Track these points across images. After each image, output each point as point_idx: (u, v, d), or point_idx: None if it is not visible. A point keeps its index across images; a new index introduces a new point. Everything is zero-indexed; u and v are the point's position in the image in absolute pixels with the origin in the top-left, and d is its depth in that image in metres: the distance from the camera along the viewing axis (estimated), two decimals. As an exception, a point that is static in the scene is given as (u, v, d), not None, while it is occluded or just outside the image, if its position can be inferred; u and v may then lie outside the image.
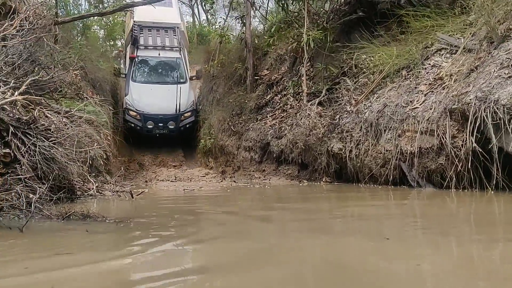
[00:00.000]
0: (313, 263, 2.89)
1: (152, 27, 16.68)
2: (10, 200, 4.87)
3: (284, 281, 2.45)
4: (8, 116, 5.99)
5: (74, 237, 3.75)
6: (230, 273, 2.62)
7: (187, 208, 6.33)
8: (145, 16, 16.44)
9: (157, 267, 2.73)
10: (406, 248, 3.33)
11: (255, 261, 2.90)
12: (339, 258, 2.99)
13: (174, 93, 14.48)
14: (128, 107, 14.79)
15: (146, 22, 16.55)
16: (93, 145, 7.12)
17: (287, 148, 10.74)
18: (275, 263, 2.82)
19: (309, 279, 2.51)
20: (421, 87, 7.70)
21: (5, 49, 7.94)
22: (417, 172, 7.20)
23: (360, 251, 3.24)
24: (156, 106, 14.90)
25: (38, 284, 2.38)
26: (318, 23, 11.10)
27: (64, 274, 2.55)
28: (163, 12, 16.87)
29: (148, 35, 16.51)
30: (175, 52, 16.40)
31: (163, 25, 16.84)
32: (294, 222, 4.85)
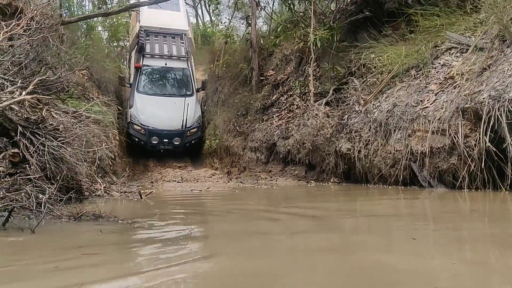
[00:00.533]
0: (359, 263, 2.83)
1: (159, 33, 16.07)
2: (20, 201, 4.81)
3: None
4: (16, 115, 5.93)
5: (91, 238, 3.68)
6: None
7: (197, 208, 6.27)
8: (152, 21, 15.94)
9: (179, 272, 2.66)
10: (436, 247, 3.28)
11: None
12: (376, 257, 2.93)
13: (181, 107, 14.06)
14: (133, 120, 14.17)
15: (152, 27, 16.01)
16: (101, 145, 7.05)
17: (294, 148, 10.67)
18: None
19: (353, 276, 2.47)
20: (432, 87, 7.62)
21: (11, 49, 7.90)
22: (428, 172, 7.12)
23: (393, 250, 3.22)
24: (161, 120, 14.38)
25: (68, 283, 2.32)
26: (325, 22, 11.03)
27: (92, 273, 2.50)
28: (170, 17, 16.41)
29: (155, 41, 15.89)
30: (182, 62, 15.73)
31: (171, 31, 16.18)
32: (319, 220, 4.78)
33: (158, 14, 16.07)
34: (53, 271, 2.55)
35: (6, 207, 4.36)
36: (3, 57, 7.53)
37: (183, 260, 2.82)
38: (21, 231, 3.71)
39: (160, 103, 14.62)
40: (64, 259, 2.86)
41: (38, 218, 4.43)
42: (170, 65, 15.55)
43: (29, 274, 2.55)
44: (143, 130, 14.15)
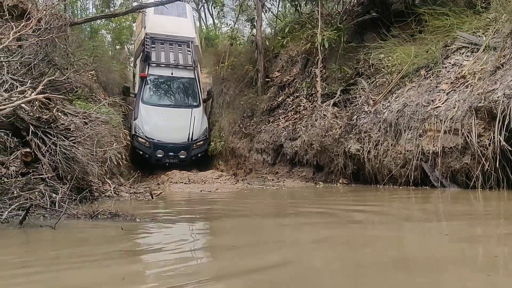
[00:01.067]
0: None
1: (165, 41, 15.50)
2: (34, 199, 4.77)
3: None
4: (28, 115, 5.89)
5: (114, 235, 3.64)
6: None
7: (205, 206, 6.24)
8: (158, 28, 15.40)
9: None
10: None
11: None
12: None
13: (187, 119, 13.69)
14: (137, 133, 13.64)
15: (158, 34, 15.37)
16: (111, 145, 7.01)
17: (301, 149, 10.63)
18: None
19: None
20: (443, 86, 7.58)
21: (20, 49, 7.87)
22: (441, 172, 7.07)
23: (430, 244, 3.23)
24: (167, 133, 13.89)
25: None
26: (332, 23, 11.01)
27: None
28: (177, 23, 15.87)
29: (161, 49, 15.32)
30: (189, 71, 15.17)
31: (177, 39, 15.58)
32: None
33: (165, 20, 15.60)
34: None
35: (21, 206, 4.32)
36: (12, 58, 7.51)
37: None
38: (40, 228, 3.66)
39: (165, 114, 14.14)
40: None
41: (53, 216, 4.40)
42: (177, 74, 15.06)
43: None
44: (147, 143, 13.66)
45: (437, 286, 2.19)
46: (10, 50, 7.97)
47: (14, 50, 8.06)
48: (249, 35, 15.44)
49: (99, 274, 2.41)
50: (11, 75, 7.32)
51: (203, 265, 2.69)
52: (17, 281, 2.25)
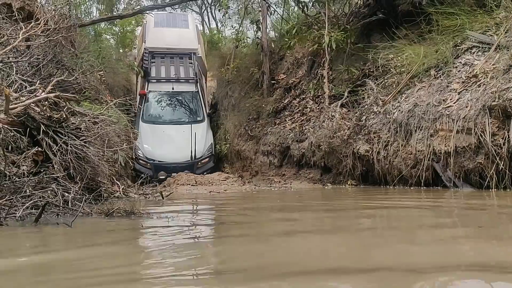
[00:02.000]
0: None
1: (166, 54, 15.00)
2: (46, 198, 4.72)
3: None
4: (39, 114, 5.85)
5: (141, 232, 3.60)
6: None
7: (217, 205, 6.19)
8: (158, 41, 14.88)
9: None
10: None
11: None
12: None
13: (190, 136, 13.02)
14: (138, 155, 12.87)
15: (158, 48, 14.88)
16: (121, 146, 6.96)
17: (308, 151, 10.58)
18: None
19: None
20: (454, 86, 7.53)
21: (29, 50, 7.85)
22: (453, 172, 7.00)
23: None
24: (169, 152, 13.21)
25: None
26: (339, 24, 10.98)
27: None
28: (178, 35, 15.35)
29: (161, 64, 14.82)
30: (191, 85, 14.68)
31: (178, 51, 15.10)
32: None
33: (165, 32, 15.20)
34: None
35: (35, 204, 4.26)
36: (21, 58, 7.48)
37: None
38: (57, 225, 3.60)
39: (167, 132, 13.60)
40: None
41: (66, 215, 4.36)
42: (178, 89, 14.54)
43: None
44: (149, 164, 12.99)
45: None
46: (19, 51, 7.96)
47: (22, 51, 8.05)
48: (254, 38, 15.41)
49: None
50: (20, 75, 7.30)
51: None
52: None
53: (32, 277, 2.15)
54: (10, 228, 3.57)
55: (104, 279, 2.06)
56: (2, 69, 7.10)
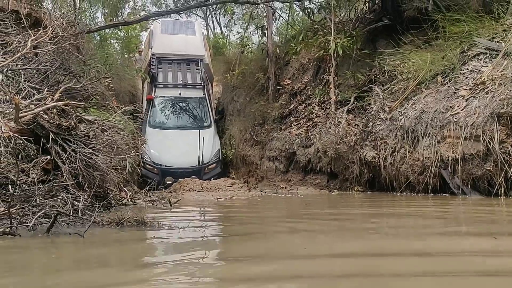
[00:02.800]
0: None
1: (173, 60, 15.01)
2: (56, 207, 4.73)
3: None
4: (48, 122, 5.87)
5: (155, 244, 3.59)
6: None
7: (227, 214, 6.18)
8: (165, 48, 14.93)
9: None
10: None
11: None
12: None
13: (197, 141, 12.95)
14: (145, 160, 12.74)
15: (165, 54, 14.91)
16: (129, 153, 6.98)
17: (315, 157, 10.57)
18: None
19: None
20: (461, 92, 7.52)
21: (37, 57, 7.89)
22: (461, 179, 6.98)
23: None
24: (176, 157, 13.16)
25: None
26: (345, 30, 10.99)
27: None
28: (185, 41, 15.41)
29: (168, 69, 14.83)
30: (198, 91, 14.67)
31: (185, 57, 15.09)
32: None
33: (172, 39, 15.24)
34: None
35: (46, 214, 4.27)
36: (30, 65, 7.52)
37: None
38: (69, 235, 3.61)
39: (174, 137, 13.53)
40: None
41: (77, 224, 4.36)
42: (185, 94, 14.52)
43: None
44: (155, 170, 12.93)
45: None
46: (27, 58, 7.99)
47: (30, 58, 8.08)
48: (259, 43, 15.43)
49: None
50: (28, 82, 7.33)
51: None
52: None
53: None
54: (22, 240, 3.57)
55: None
56: (11, 76, 7.13)
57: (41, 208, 4.62)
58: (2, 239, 3.60)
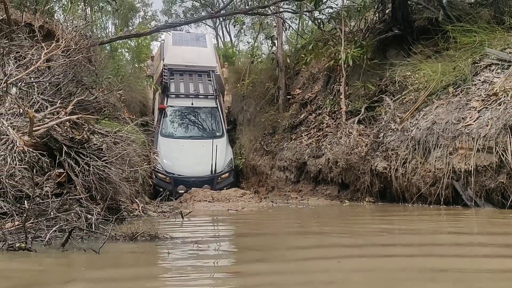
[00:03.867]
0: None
1: (184, 71, 15.01)
2: (70, 221, 4.77)
3: None
4: (61, 135, 5.92)
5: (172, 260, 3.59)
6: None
7: (239, 227, 6.17)
8: (177, 59, 14.98)
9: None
10: None
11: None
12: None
13: (209, 150, 12.83)
14: (156, 168, 12.64)
15: (177, 65, 14.92)
16: (141, 165, 7.01)
17: (325, 167, 10.55)
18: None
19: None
20: (473, 104, 7.48)
21: (50, 70, 7.97)
22: (474, 191, 6.93)
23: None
24: (188, 166, 13.07)
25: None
26: (355, 40, 11.00)
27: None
28: (196, 53, 15.50)
29: (180, 80, 14.81)
30: (210, 101, 14.60)
31: (197, 68, 15.13)
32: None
33: (184, 50, 15.33)
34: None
35: (61, 228, 4.31)
36: (43, 78, 7.60)
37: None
38: (84, 252, 3.63)
39: (186, 147, 13.55)
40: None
41: (91, 238, 4.39)
42: (197, 104, 14.47)
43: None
44: (168, 179, 12.86)
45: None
46: (40, 71, 8.08)
47: (43, 71, 8.18)
48: (269, 52, 15.49)
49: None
50: (41, 95, 7.41)
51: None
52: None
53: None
54: (38, 255, 3.60)
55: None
56: (25, 89, 7.21)
57: (55, 222, 4.66)
58: (18, 254, 3.62)
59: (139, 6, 31.27)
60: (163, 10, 32.72)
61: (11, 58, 7.42)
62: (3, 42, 7.69)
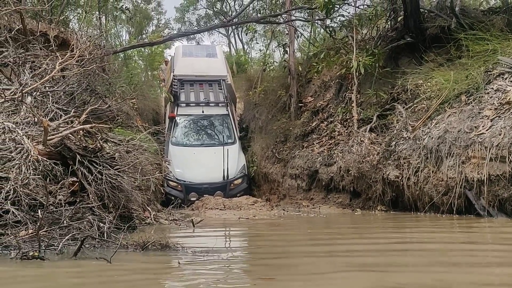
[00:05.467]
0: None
1: (195, 81, 14.90)
2: (83, 229, 4.83)
3: None
4: (75, 144, 6.01)
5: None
6: None
7: (250, 237, 6.18)
8: (187, 70, 14.91)
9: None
10: None
11: None
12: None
13: (221, 157, 12.73)
14: (168, 176, 12.52)
15: (187, 75, 14.85)
16: (153, 173, 7.08)
17: (337, 175, 10.52)
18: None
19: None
20: (486, 112, 7.43)
21: (65, 79, 8.10)
22: (487, 201, 6.88)
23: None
24: (200, 173, 12.94)
25: None
26: (367, 49, 10.99)
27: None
28: (206, 63, 15.46)
29: (190, 90, 14.72)
30: (221, 108, 14.52)
31: (207, 78, 15.02)
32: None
33: (194, 61, 15.32)
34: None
35: (74, 237, 4.37)
36: (57, 87, 7.72)
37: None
38: (96, 260, 3.67)
39: (198, 154, 13.46)
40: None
41: (103, 247, 4.44)
42: (208, 112, 14.40)
43: None
44: (179, 186, 12.70)
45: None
46: (54, 80, 8.21)
47: (57, 80, 8.31)
48: (281, 60, 15.53)
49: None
50: (55, 104, 7.53)
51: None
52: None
53: None
54: (50, 264, 3.65)
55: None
56: (39, 98, 7.33)
57: (68, 230, 4.72)
58: (32, 263, 3.68)
59: (153, 14, 31.66)
60: (176, 18, 33.06)
61: (26, 68, 7.54)
62: (19, 52, 7.82)
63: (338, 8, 12.00)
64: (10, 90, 6.87)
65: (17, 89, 6.62)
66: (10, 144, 5.38)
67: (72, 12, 15.45)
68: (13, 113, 6.84)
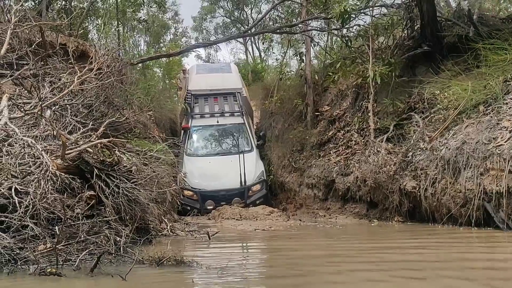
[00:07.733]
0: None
1: (209, 95, 14.84)
2: (99, 244, 4.89)
3: None
4: (92, 158, 6.10)
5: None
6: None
7: (266, 250, 6.17)
8: (200, 85, 14.92)
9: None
10: None
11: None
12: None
13: (238, 164, 12.47)
14: (184, 186, 11.98)
15: (202, 90, 14.84)
16: (170, 186, 7.14)
17: (353, 185, 10.48)
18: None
19: None
20: (505, 123, 7.33)
21: (83, 92, 8.23)
22: (506, 214, 6.77)
23: None
24: (216, 180, 12.74)
25: None
26: (383, 58, 10.94)
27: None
28: (221, 78, 15.47)
29: (204, 103, 14.67)
30: (236, 117, 14.35)
31: (222, 91, 14.95)
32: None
33: (208, 77, 15.38)
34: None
35: (91, 252, 4.43)
36: (76, 100, 7.85)
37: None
38: (111, 277, 3.73)
39: (213, 163, 13.23)
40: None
41: (119, 262, 4.49)
42: (223, 122, 14.31)
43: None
44: (195, 195, 12.46)
45: None
46: (73, 93, 8.36)
47: (76, 93, 8.45)
48: (298, 69, 15.55)
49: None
50: (74, 117, 7.66)
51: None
52: None
53: None
54: (67, 281, 3.71)
55: None
56: (59, 111, 7.46)
57: (85, 244, 4.79)
58: (49, 279, 3.75)
59: (170, 23, 31.96)
60: (193, 27, 33.34)
61: (46, 81, 7.69)
62: (39, 66, 7.98)
63: (354, 17, 11.96)
64: (30, 104, 7.01)
65: (37, 103, 6.75)
66: (29, 159, 5.48)
67: (91, 23, 15.71)
68: (32, 126, 6.99)
